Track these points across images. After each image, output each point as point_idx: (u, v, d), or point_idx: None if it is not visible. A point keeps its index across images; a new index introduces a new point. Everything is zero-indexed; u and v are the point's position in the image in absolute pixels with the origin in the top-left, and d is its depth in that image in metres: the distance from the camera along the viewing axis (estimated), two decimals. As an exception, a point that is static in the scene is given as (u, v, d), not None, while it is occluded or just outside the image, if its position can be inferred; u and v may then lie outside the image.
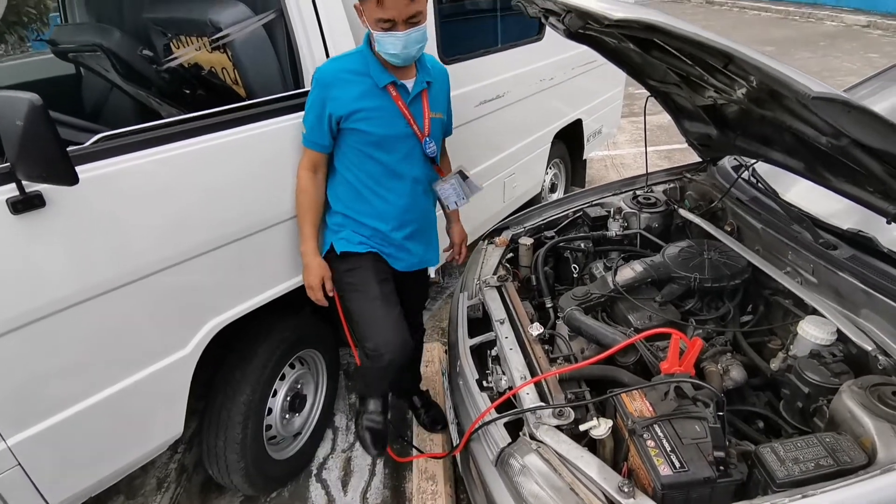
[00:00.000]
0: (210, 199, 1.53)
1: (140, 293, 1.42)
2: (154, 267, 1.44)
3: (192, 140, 1.48)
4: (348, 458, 2.30)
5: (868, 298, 1.47)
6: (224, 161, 1.55)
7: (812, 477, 1.10)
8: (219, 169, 1.54)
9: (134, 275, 1.40)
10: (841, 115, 0.90)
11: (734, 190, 2.08)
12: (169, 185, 1.44)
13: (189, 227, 1.50)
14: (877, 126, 0.89)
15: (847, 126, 0.92)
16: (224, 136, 1.54)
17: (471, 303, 1.97)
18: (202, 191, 1.51)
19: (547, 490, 1.24)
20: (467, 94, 2.57)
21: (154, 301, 1.47)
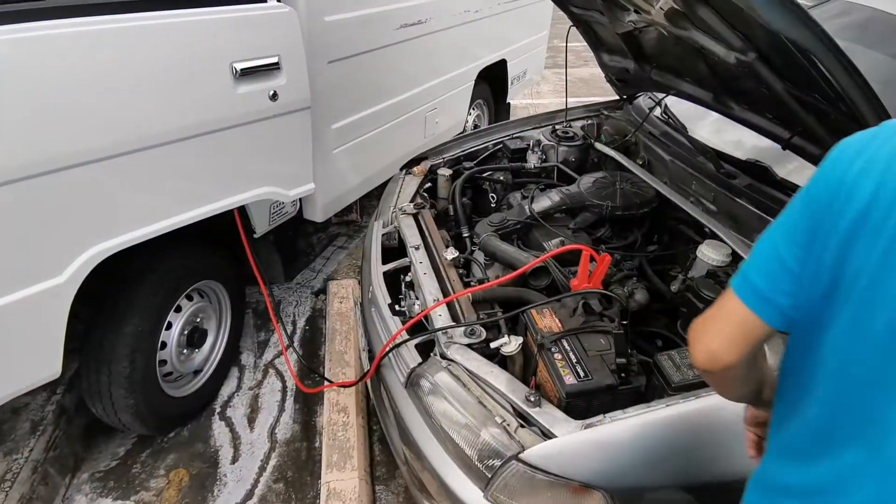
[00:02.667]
0: (84, 98, 1.29)
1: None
2: (11, 174, 1.19)
3: (62, 21, 1.23)
4: (256, 395, 2.19)
5: (761, 223, 1.55)
6: (96, 52, 1.30)
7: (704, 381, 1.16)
8: (89, 61, 1.29)
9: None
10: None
11: (647, 125, 2.12)
12: (33, 72, 1.19)
13: (63, 128, 1.26)
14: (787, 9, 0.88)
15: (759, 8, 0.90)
16: (96, 22, 1.29)
17: (386, 230, 1.90)
18: (75, 86, 1.27)
19: (456, 405, 1.23)
20: (387, 14, 2.41)
21: (17, 214, 1.23)
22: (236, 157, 1.65)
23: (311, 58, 1.94)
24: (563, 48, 2.11)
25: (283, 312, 2.64)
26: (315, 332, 2.54)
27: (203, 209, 1.60)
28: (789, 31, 0.90)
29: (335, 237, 3.25)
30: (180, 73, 1.44)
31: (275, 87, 1.65)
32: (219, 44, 1.50)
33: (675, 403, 1.11)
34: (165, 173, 1.48)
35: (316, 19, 1.97)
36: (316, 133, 2.09)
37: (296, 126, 1.79)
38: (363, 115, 2.44)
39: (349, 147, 2.40)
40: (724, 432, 1.07)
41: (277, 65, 1.64)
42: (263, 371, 2.31)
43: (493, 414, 1.18)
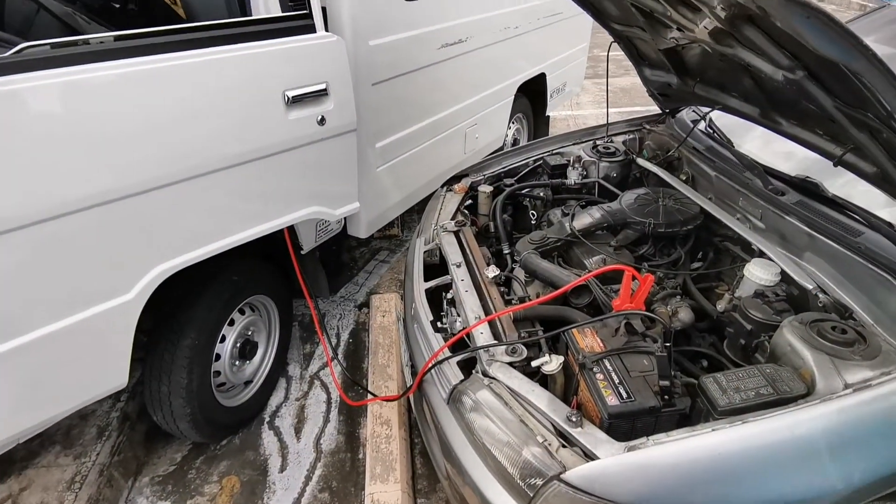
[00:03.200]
0: (151, 131, 1.39)
1: (73, 228, 1.29)
2: (88, 202, 1.30)
3: (129, 61, 1.33)
4: (302, 405, 2.27)
5: (811, 241, 1.51)
6: (160, 89, 1.40)
7: (752, 405, 1.14)
8: (154, 97, 1.39)
9: (64, 208, 1.27)
10: (800, 20, 0.89)
11: (691, 140, 2.09)
12: (103, 108, 1.30)
13: (127, 160, 1.35)
14: (835, 35, 0.87)
15: (805, 34, 0.90)
16: (160, 60, 1.39)
17: (427, 248, 1.94)
18: (142, 119, 1.37)
19: (498, 423, 1.24)
20: (428, 34, 2.47)
21: (90, 238, 1.34)
22: (287, 179, 1.73)
23: (356, 81, 2.02)
24: (604, 58, 2.11)
25: (328, 325, 2.72)
26: (358, 344, 2.61)
27: (256, 229, 1.68)
28: (839, 56, 0.89)
29: (377, 251, 3.32)
30: (238, 103, 1.53)
31: (323, 111, 1.73)
32: (272, 74, 1.58)
33: (722, 428, 1.09)
34: (223, 196, 1.57)
35: (361, 45, 2.06)
36: (360, 153, 2.17)
37: (342, 148, 1.86)
38: (405, 134, 2.50)
39: (392, 165, 2.47)
40: (772, 459, 1.05)
41: (325, 91, 1.72)
42: (309, 382, 2.38)
43: (535, 433, 1.19)
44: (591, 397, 1.25)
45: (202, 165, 1.50)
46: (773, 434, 1.06)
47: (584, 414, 1.28)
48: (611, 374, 1.26)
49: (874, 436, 1.09)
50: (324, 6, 1.92)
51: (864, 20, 2.22)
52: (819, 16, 0.85)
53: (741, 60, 1.36)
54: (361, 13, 2.03)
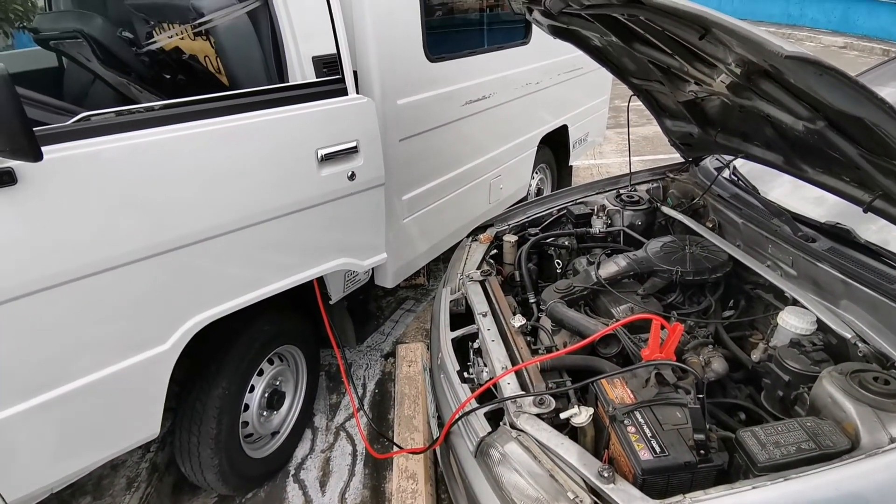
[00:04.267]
0: (194, 189, 1.48)
1: (116, 282, 1.36)
2: (132, 256, 1.38)
3: (174, 126, 1.43)
4: (327, 458, 2.24)
5: (846, 288, 1.47)
6: (204, 151, 1.50)
7: (794, 461, 1.09)
8: (198, 158, 1.49)
9: (111, 262, 1.34)
10: (813, 77, 0.91)
11: (716, 188, 2.09)
12: (152, 170, 1.39)
13: (169, 217, 1.44)
14: (849, 90, 0.89)
15: (820, 90, 0.92)
16: (206, 124, 1.49)
17: (453, 297, 1.95)
18: (186, 179, 1.46)
19: (526, 478, 1.21)
20: (453, 92, 2.58)
21: (130, 292, 1.40)
22: (319, 232, 1.79)
23: (385, 138, 2.11)
24: (625, 108, 2.16)
25: (354, 375, 2.73)
26: (384, 395, 2.59)
27: (288, 280, 1.73)
28: (854, 110, 0.90)
29: (403, 300, 3.35)
30: (275, 162, 1.63)
31: (353, 168, 1.81)
32: (307, 134, 1.68)
33: (763, 486, 1.04)
34: (257, 249, 1.64)
35: (389, 104, 2.16)
36: (387, 205, 2.23)
37: (371, 201, 1.93)
38: (431, 186, 2.58)
39: (418, 216, 2.53)
40: (820, 520, 1.00)
41: (356, 148, 1.80)
42: (335, 434, 2.37)
43: (566, 489, 1.16)
44: (623, 451, 1.21)
45: (239, 220, 1.57)
46: (817, 491, 1.01)
47: (616, 469, 1.24)
48: (643, 427, 1.23)
49: None
50: (355, 70, 2.04)
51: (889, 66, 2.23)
52: (831, 72, 0.87)
53: (761, 112, 1.39)
54: (389, 75, 2.15)
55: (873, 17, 12.02)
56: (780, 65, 0.94)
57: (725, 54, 1.19)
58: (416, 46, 2.34)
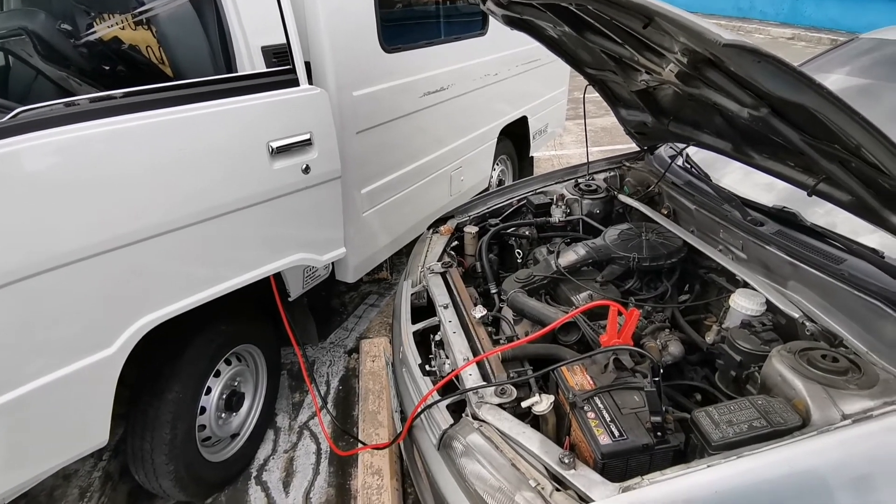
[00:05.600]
0: (137, 184, 1.41)
1: (56, 284, 1.29)
2: (73, 256, 1.30)
3: (113, 119, 1.36)
4: (291, 458, 2.20)
5: (794, 270, 1.52)
6: (145, 144, 1.42)
7: (746, 438, 1.11)
8: (139, 152, 1.41)
9: (50, 263, 1.26)
10: (752, 65, 0.93)
11: (670, 175, 2.13)
12: (90, 165, 1.31)
13: (112, 214, 1.36)
14: (787, 77, 0.91)
15: (759, 77, 0.94)
16: (147, 116, 1.41)
17: (415, 290, 1.94)
18: (128, 174, 1.39)
19: (489, 468, 1.21)
20: (411, 84, 2.55)
21: (71, 294, 1.33)
22: (272, 227, 1.74)
23: (341, 130, 2.07)
24: (584, 98, 2.19)
25: (317, 372, 2.68)
26: (348, 391, 2.56)
27: (241, 278, 1.68)
28: (793, 96, 0.92)
29: (367, 295, 3.31)
30: (224, 155, 1.56)
31: (307, 160, 1.76)
32: (257, 127, 1.62)
33: (717, 464, 1.07)
34: (208, 246, 1.57)
35: (345, 96, 2.12)
36: (346, 198, 2.19)
37: (327, 195, 1.88)
38: (390, 179, 2.55)
39: (378, 209, 2.50)
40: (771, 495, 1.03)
41: (309, 140, 1.75)
42: (298, 433, 2.32)
43: (527, 477, 1.16)
44: (584, 437, 1.22)
45: (187, 216, 1.50)
46: (771, 468, 1.04)
47: (578, 454, 1.25)
48: (602, 413, 1.24)
49: (883, 474, 1.05)
50: (308, 60, 1.98)
51: (835, 53, 2.30)
52: (769, 60, 0.89)
53: (709, 100, 1.41)
54: (344, 66, 2.10)
55: (821, 8, 12.46)
56: (721, 53, 0.95)
57: (671, 43, 1.21)
58: (371, 37, 2.29)
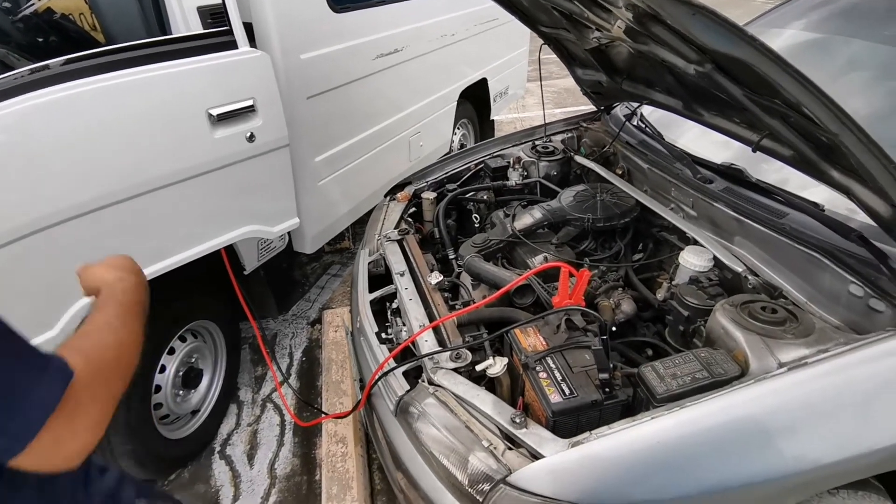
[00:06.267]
0: (71, 158, 1.33)
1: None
2: (6, 236, 1.23)
3: (42, 91, 1.27)
4: (254, 430, 2.19)
5: (740, 225, 1.55)
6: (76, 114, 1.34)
7: (689, 390, 1.15)
8: (70, 122, 1.33)
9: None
10: (687, 18, 0.92)
11: (625, 135, 2.14)
12: (20, 140, 1.23)
13: (46, 190, 1.29)
14: (721, 30, 0.90)
15: (695, 31, 0.93)
16: (75, 86, 1.32)
17: (371, 258, 1.91)
18: (61, 147, 1.30)
19: (443, 431, 1.23)
20: (362, 45, 2.45)
21: (6, 275, 1.26)
22: (218, 199, 1.67)
23: (289, 96, 1.99)
24: (547, 60, 2.15)
25: (280, 345, 2.65)
26: (312, 362, 2.55)
27: (189, 252, 1.62)
28: (729, 50, 0.92)
29: (329, 265, 3.26)
30: (158, 124, 1.47)
31: (251, 128, 1.69)
32: (194, 92, 1.53)
33: (661, 416, 1.10)
34: (149, 221, 1.51)
35: (291, 59, 2.02)
36: (299, 167, 2.13)
37: (275, 164, 1.82)
38: (346, 146, 2.47)
39: (334, 177, 2.43)
40: (711, 443, 1.07)
41: (253, 107, 1.67)
42: (261, 406, 2.31)
43: (481, 437, 1.18)
44: (536, 396, 1.25)
45: (123, 191, 1.43)
46: (711, 417, 1.08)
47: (532, 414, 1.28)
48: (553, 372, 1.26)
49: (815, 417, 1.09)
50: (249, 21, 1.88)
51: (788, 7, 2.30)
52: (703, 12, 0.88)
53: (657, 57, 1.40)
54: (289, 27, 2.00)
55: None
56: (656, 5, 0.93)
57: (616, 0, 1.18)
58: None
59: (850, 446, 1.09)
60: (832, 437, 1.09)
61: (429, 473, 1.26)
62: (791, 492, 1.12)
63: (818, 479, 1.12)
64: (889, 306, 1.22)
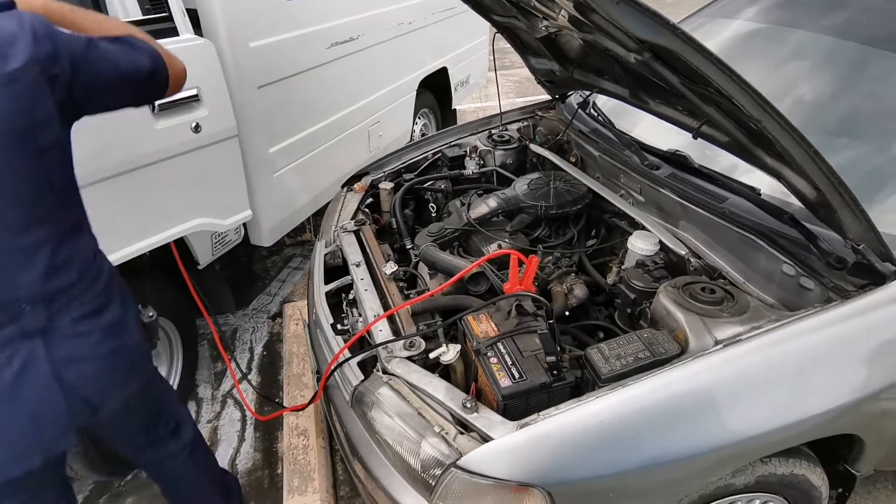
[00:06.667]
0: None
1: None
2: None
3: None
4: (215, 427, 2.16)
5: (684, 210, 1.61)
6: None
7: (631, 369, 1.19)
8: None
9: None
10: (612, 7, 0.94)
11: (578, 123, 2.17)
12: None
13: None
14: (644, 18, 0.93)
15: (620, 19, 0.95)
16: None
17: (328, 250, 1.90)
18: None
19: (396, 418, 1.24)
20: (316, 33, 2.41)
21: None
22: (165, 191, 1.63)
23: (238, 85, 1.95)
24: (509, 49, 2.17)
25: (240, 340, 2.62)
26: (273, 356, 2.52)
27: (135, 247, 1.58)
28: (652, 38, 0.94)
29: (290, 258, 3.23)
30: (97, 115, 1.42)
31: (197, 118, 1.65)
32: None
33: (604, 395, 1.14)
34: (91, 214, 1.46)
35: (240, 47, 1.97)
36: (252, 158, 2.09)
37: (224, 155, 1.78)
38: (302, 136, 2.44)
39: (291, 169, 2.40)
40: (651, 419, 1.11)
41: (197, 97, 1.63)
42: (221, 402, 2.28)
43: (432, 423, 1.20)
44: (488, 381, 1.27)
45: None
46: (651, 394, 1.12)
47: (485, 398, 1.30)
48: (504, 357, 1.29)
49: (748, 390, 1.15)
50: (193, 7, 1.83)
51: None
52: (627, 0, 0.90)
53: (601, 45, 1.43)
54: (236, 15, 1.95)
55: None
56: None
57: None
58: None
59: (782, 416, 1.16)
60: (765, 408, 1.15)
61: (384, 462, 1.28)
62: (728, 460, 1.18)
63: (753, 448, 1.18)
64: (818, 284, 1.29)
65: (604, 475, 1.10)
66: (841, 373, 1.18)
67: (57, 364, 1.09)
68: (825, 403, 1.16)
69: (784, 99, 1.72)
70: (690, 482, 1.18)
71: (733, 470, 1.21)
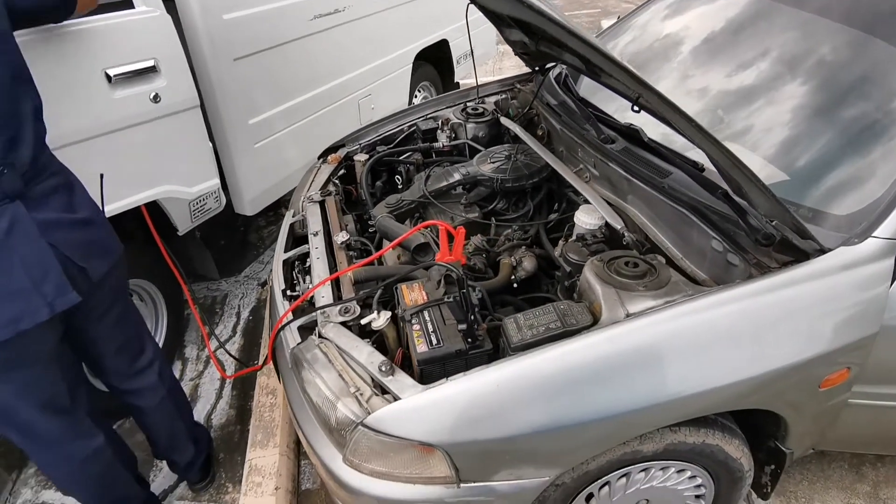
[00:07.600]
0: None
1: None
2: None
3: None
4: (196, 385, 2.30)
5: (630, 185, 1.59)
6: None
7: (541, 339, 1.22)
8: None
9: None
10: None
11: (549, 96, 2.15)
12: None
13: None
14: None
15: None
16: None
17: (295, 219, 1.97)
18: None
19: (322, 379, 1.31)
20: (294, 5, 2.44)
21: None
22: (127, 158, 1.72)
23: (213, 57, 2.01)
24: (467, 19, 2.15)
25: (229, 304, 2.74)
26: (258, 321, 2.64)
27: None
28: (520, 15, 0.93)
29: (285, 228, 3.32)
30: (52, 84, 1.51)
31: (155, 89, 1.72)
32: (89, 53, 1.55)
33: (505, 362, 1.17)
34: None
35: (212, 19, 2.02)
36: (230, 129, 2.17)
37: (186, 124, 1.85)
38: (284, 108, 2.50)
39: (273, 140, 2.47)
40: (544, 388, 1.14)
41: (155, 68, 1.70)
42: (205, 362, 2.41)
43: (349, 385, 1.26)
44: (409, 347, 1.32)
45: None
46: (546, 364, 1.15)
47: (412, 363, 1.35)
48: (427, 324, 1.34)
49: (646, 361, 1.16)
50: (166, -19, 1.88)
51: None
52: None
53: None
54: (209, -13, 2.00)
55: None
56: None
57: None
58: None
59: (681, 387, 1.17)
60: (663, 379, 1.16)
61: (311, 419, 1.36)
62: (625, 428, 1.21)
63: (653, 418, 1.20)
64: (742, 260, 1.27)
65: (498, 438, 1.15)
66: (746, 348, 1.18)
67: (40, 225, 1.22)
68: (726, 376, 1.17)
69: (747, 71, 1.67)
70: (584, 449, 1.21)
71: (638, 437, 1.24)
